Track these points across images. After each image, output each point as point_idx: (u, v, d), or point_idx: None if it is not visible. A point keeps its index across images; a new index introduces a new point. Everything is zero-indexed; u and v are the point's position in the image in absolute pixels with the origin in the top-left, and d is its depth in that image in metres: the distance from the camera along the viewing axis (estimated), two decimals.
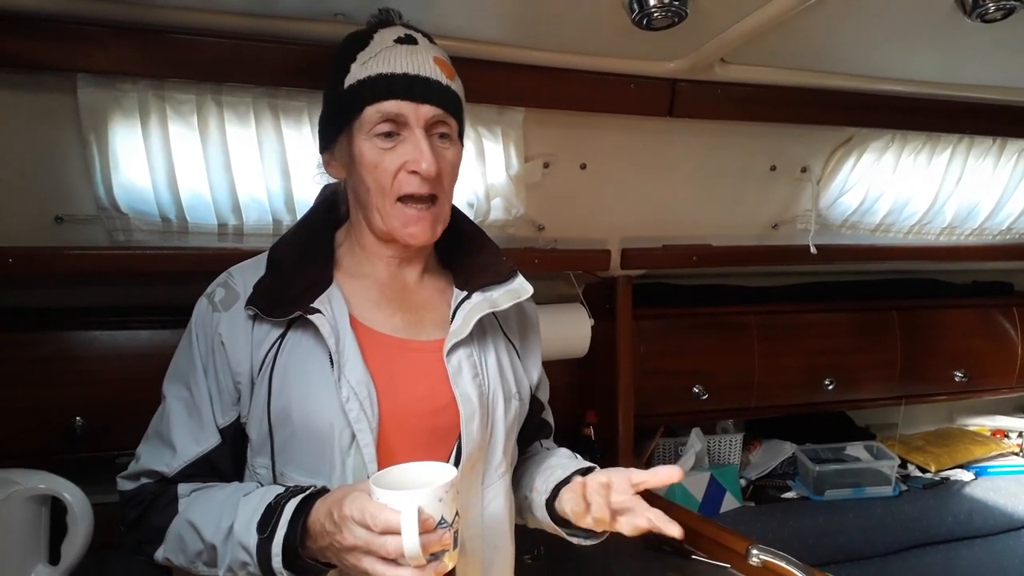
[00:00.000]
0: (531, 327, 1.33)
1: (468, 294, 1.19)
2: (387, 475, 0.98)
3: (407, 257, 1.20)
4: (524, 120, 1.74)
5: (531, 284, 1.23)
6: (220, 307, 1.13)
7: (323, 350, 1.09)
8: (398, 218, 1.11)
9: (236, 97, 1.51)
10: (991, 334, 2.86)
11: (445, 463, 1.03)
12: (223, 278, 1.18)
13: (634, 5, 1.31)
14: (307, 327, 1.10)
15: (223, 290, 1.15)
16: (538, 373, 1.32)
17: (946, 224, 2.43)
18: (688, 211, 2.15)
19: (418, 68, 1.10)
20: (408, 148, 1.09)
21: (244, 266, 1.19)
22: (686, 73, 1.67)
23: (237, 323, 1.12)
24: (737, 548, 1.74)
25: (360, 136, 1.10)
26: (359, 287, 1.18)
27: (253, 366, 1.10)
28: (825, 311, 2.61)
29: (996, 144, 2.27)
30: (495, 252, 1.26)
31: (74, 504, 1.38)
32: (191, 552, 1.07)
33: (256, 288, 1.13)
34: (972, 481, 2.75)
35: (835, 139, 2.12)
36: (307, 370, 1.09)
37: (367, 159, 1.10)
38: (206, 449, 1.12)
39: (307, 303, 1.10)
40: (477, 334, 1.18)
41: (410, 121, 1.09)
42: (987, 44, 1.58)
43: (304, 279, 1.14)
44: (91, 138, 1.46)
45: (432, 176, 1.09)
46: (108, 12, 1.29)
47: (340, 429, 1.07)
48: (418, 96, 1.09)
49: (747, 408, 2.49)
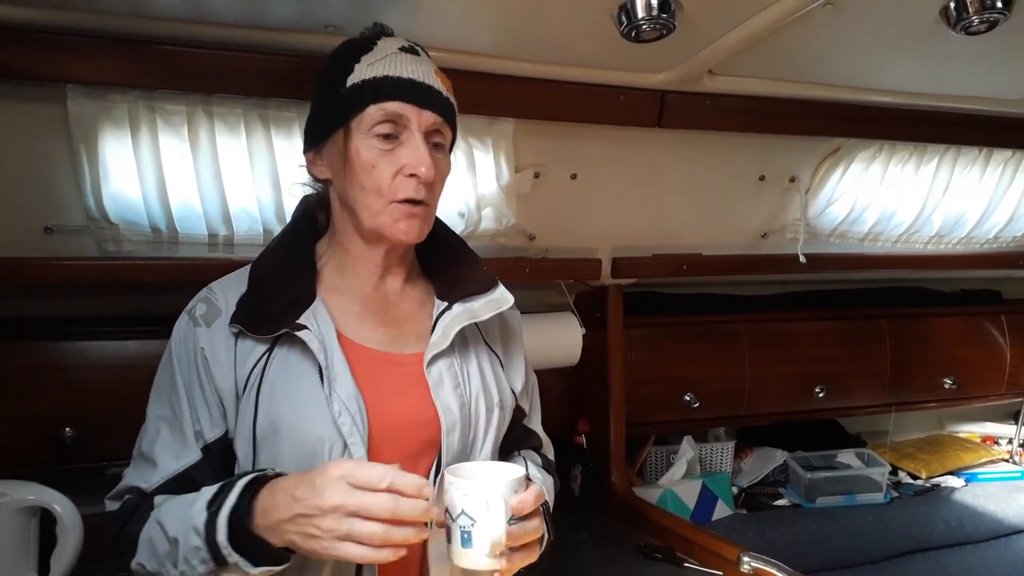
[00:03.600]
0: (513, 336, 1.33)
1: (449, 305, 1.19)
2: (458, 470, 1.01)
3: (389, 265, 1.20)
4: (514, 131, 1.75)
5: (522, 293, 1.23)
6: (202, 322, 1.12)
7: (312, 366, 1.08)
8: (389, 215, 1.11)
9: (226, 108, 1.51)
10: (980, 342, 2.88)
11: (509, 463, 1.09)
12: (204, 294, 1.17)
13: (623, 18, 1.32)
14: (293, 343, 1.10)
15: (204, 305, 1.14)
16: (522, 382, 1.32)
17: (934, 233, 2.45)
18: (678, 220, 2.16)
19: (423, 76, 1.11)
20: (407, 151, 1.09)
21: (225, 281, 1.18)
22: (675, 84, 1.69)
23: (219, 339, 1.11)
24: (729, 556, 1.74)
25: (358, 134, 1.10)
26: (342, 302, 1.17)
27: (237, 383, 1.09)
28: (815, 319, 2.61)
29: (982, 154, 2.29)
30: (475, 262, 1.27)
31: (63, 515, 1.38)
32: (161, 553, 1.03)
33: (239, 305, 1.12)
34: (962, 487, 2.76)
35: (823, 149, 2.13)
36: (296, 386, 1.08)
37: (364, 158, 1.10)
38: (186, 465, 1.10)
39: (293, 319, 1.10)
40: (459, 344, 1.18)
41: (411, 124, 1.10)
42: (972, 56, 1.59)
43: (288, 295, 1.13)
44: (81, 149, 1.45)
45: (430, 180, 1.10)
46: (98, 23, 1.29)
47: (331, 444, 1.06)
48: (422, 101, 1.10)
49: (738, 416, 2.50)
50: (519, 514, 0.95)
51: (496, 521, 0.92)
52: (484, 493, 0.93)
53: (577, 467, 2.23)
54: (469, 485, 0.95)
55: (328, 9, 1.30)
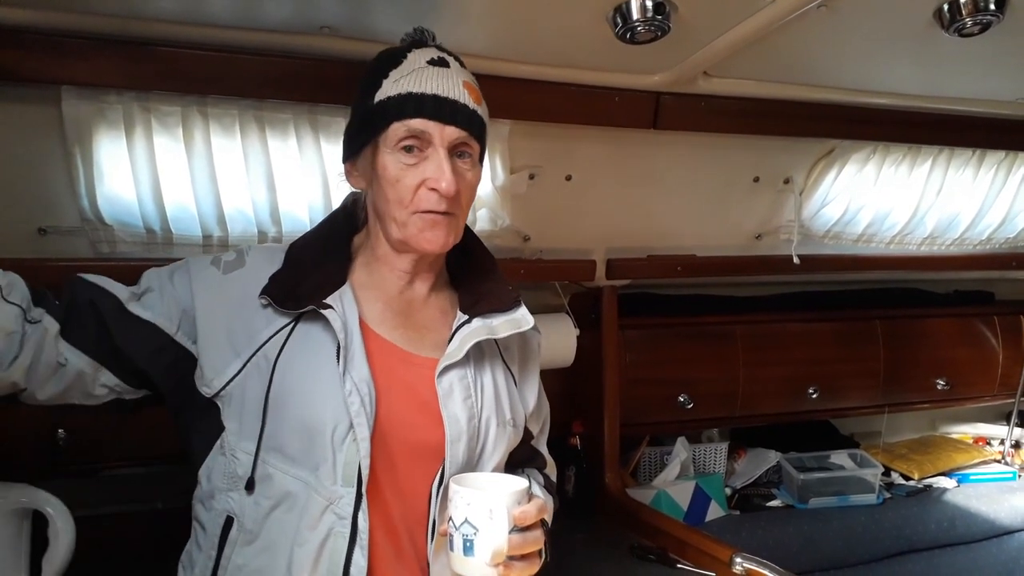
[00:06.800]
0: (531, 358, 1.35)
1: (469, 319, 1.20)
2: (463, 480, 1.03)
3: (418, 272, 1.22)
4: (510, 132, 1.75)
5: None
6: (221, 268, 1.17)
7: (331, 344, 1.10)
8: (415, 225, 1.13)
9: (222, 109, 1.51)
10: (973, 343, 2.89)
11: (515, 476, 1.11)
12: (242, 247, 1.22)
13: (617, 19, 1.32)
14: (316, 320, 1.12)
15: (234, 254, 1.19)
16: (534, 403, 1.33)
17: (927, 234, 2.45)
18: (673, 222, 2.17)
19: (447, 91, 1.12)
20: (430, 166, 1.11)
21: (263, 247, 1.23)
22: (670, 86, 1.69)
23: (220, 286, 1.15)
24: (721, 557, 1.75)
25: (385, 150, 1.13)
26: (368, 297, 1.20)
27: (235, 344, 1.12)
28: (809, 320, 2.62)
29: (976, 155, 2.29)
30: (501, 280, 1.28)
31: (56, 518, 1.37)
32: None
33: (272, 280, 1.15)
34: (955, 488, 2.77)
35: (817, 151, 2.13)
36: (312, 361, 1.10)
37: (390, 172, 1.12)
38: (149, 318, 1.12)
39: (320, 299, 1.12)
40: (475, 357, 1.19)
41: (434, 140, 1.11)
42: (966, 58, 1.60)
43: (320, 276, 1.16)
44: (75, 150, 1.45)
45: (451, 195, 1.11)
46: (93, 24, 1.29)
47: (337, 421, 1.08)
48: (445, 117, 1.11)
49: (732, 417, 2.50)
50: (521, 525, 0.96)
51: (499, 531, 0.93)
52: (488, 503, 0.95)
53: (571, 468, 2.23)
54: (473, 495, 0.96)
55: (323, 11, 1.30)
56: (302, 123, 1.57)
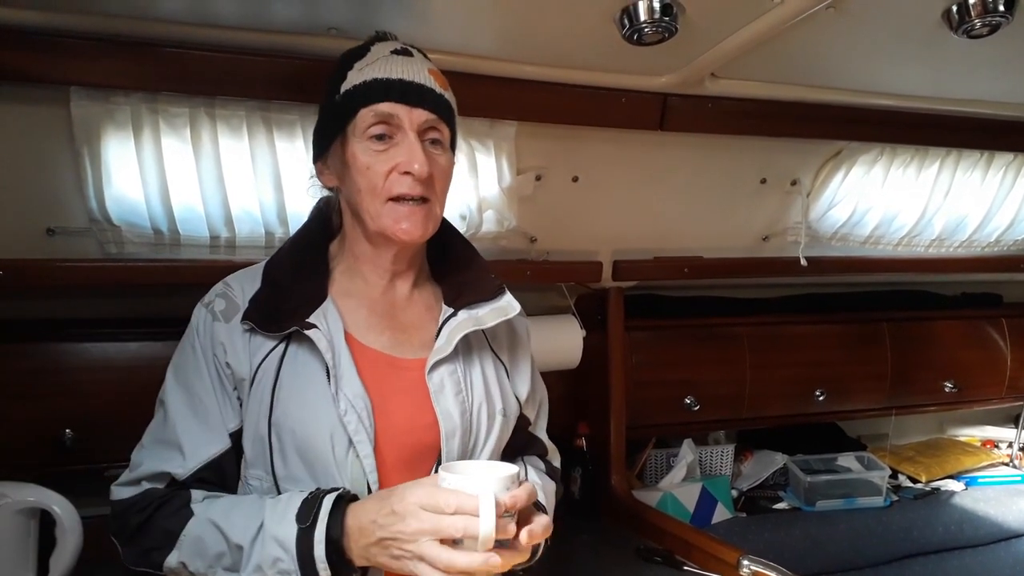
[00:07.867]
0: (520, 344, 1.34)
1: (454, 312, 1.20)
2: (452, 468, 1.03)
3: (399, 269, 1.22)
4: (516, 133, 1.75)
5: (523, 295, 1.24)
6: (221, 317, 1.14)
7: (319, 364, 1.10)
8: (389, 215, 1.12)
9: (229, 110, 1.51)
10: (980, 345, 2.87)
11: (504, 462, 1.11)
12: (221, 288, 1.19)
13: (625, 21, 1.32)
14: (303, 341, 1.11)
15: (223, 301, 1.16)
16: (527, 389, 1.32)
17: (935, 236, 2.44)
18: (679, 223, 2.16)
19: (413, 75, 1.13)
20: (401, 150, 1.11)
21: (240, 276, 1.20)
22: (677, 87, 1.69)
23: (237, 334, 1.13)
24: (728, 559, 1.74)
25: (354, 139, 1.12)
26: (350, 305, 1.19)
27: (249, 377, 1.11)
28: (816, 322, 2.61)
29: (984, 157, 2.29)
30: (483, 269, 1.28)
31: (63, 517, 1.38)
32: (211, 555, 1.04)
33: (252, 303, 1.14)
34: (962, 491, 2.76)
35: (825, 152, 2.13)
36: (304, 384, 1.10)
37: (360, 161, 1.12)
38: (218, 452, 1.12)
39: (303, 318, 1.12)
40: (463, 350, 1.19)
41: (403, 124, 1.11)
42: (974, 60, 1.60)
43: (300, 294, 1.15)
44: (84, 150, 1.46)
45: (424, 177, 1.11)
46: (101, 26, 1.29)
47: (337, 441, 1.08)
48: (412, 100, 1.11)
49: (738, 419, 2.50)
50: (512, 510, 0.96)
51: (487, 516, 0.93)
52: (476, 488, 0.95)
53: (577, 470, 2.23)
54: (460, 481, 0.96)
55: (330, 12, 1.31)
56: (309, 124, 1.57)
